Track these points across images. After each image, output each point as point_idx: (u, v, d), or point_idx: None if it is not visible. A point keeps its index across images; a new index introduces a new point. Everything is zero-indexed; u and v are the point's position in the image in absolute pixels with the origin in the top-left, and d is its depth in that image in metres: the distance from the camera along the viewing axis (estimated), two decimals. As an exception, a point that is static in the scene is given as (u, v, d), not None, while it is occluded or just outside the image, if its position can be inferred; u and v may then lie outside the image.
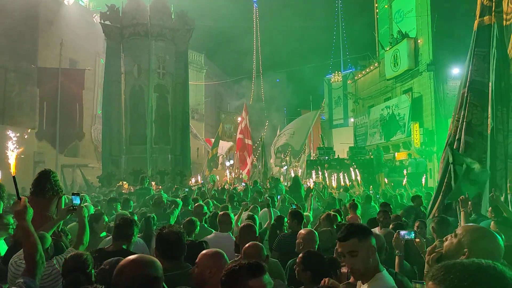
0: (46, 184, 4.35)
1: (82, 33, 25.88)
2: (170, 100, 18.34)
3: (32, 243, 2.54)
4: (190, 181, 17.50)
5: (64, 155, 23.38)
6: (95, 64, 28.02)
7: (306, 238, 4.12)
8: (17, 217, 2.63)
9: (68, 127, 21.92)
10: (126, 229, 3.55)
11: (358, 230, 2.39)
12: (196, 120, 35.07)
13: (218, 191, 12.58)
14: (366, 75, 31.37)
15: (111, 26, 18.04)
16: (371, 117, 29.05)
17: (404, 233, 3.47)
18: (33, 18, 23.68)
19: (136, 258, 2.07)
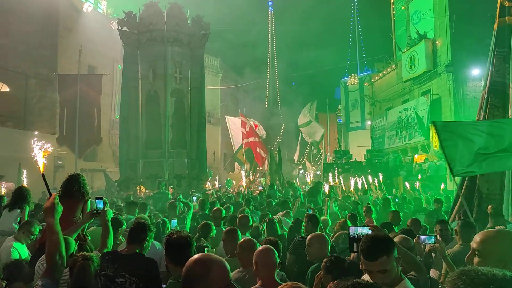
0: (74, 187, 4.41)
1: (100, 40, 26.32)
2: (186, 105, 18.47)
3: (54, 241, 2.53)
4: (206, 185, 17.55)
5: (83, 159, 23.74)
6: (113, 70, 28.44)
7: (312, 241, 4.12)
8: (45, 214, 2.63)
9: (86, 132, 22.25)
10: (140, 233, 3.55)
11: (385, 247, 2.30)
12: (212, 124, 35.23)
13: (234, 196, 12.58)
14: (383, 77, 31.07)
15: (128, 32, 18.29)
16: (388, 120, 28.73)
17: (424, 238, 3.39)
18: (52, 25, 24.19)
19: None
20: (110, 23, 27.42)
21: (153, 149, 17.82)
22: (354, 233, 2.75)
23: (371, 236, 2.40)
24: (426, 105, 23.68)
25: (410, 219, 6.12)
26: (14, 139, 20.45)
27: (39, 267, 3.42)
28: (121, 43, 19.57)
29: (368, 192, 12.65)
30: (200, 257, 1.97)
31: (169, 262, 2.82)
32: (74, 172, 4.81)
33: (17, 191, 6.42)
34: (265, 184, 19.07)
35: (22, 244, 4.83)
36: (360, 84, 37.90)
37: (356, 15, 41.87)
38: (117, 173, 19.54)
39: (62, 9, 24.74)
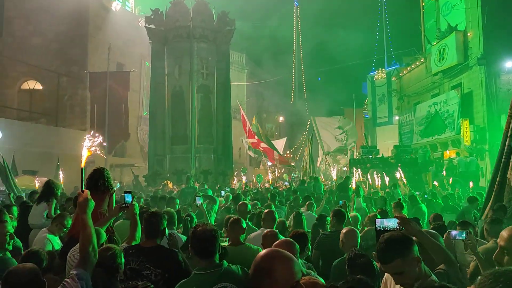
0: (99, 181, 4.54)
1: (128, 37, 26.81)
2: (212, 100, 18.62)
3: (87, 234, 2.62)
4: (232, 181, 17.68)
5: (112, 155, 24.29)
6: (141, 67, 28.93)
7: (346, 236, 4.14)
8: (79, 209, 2.73)
9: (115, 128, 22.72)
10: (157, 224, 3.60)
11: (399, 249, 2.24)
12: (238, 120, 35.34)
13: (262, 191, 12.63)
14: (412, 71, 30.36)
15: (155, 30, 18.57)
16: (417, 115, 28.09)
17: (455, 234, 3.31)
18: (83, 24, 24.80)
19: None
20: (137, 21, 27.88)
21: (179, 145, 18.05)
22: (380, 226, 2.69)
23: (386, 238, 2.34)
24: (457, 99, 23.01)
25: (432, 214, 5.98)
26: (47, 135, 21.15)
27: (70, 258, 3.53)
28: (148, 40, 19.89)
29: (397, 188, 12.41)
30: (267, 253, 1.89)
31: (194, 254, 2.87)
32: (98, 166, 4.95)
33: (45, 185, 6.60)
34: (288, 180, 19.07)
35: (55, 236, 5.01)
36: (387, 79, 37.19)
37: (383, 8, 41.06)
38: (145, 168, 19.93)
39: (91, 8, 25.32)
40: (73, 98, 24.72)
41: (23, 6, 23.76)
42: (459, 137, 22.24)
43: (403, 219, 2.73)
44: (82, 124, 24.44)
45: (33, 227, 6.01)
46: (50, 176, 13.93)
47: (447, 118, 23.87)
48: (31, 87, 24.88)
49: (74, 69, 24.60)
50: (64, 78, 24.47)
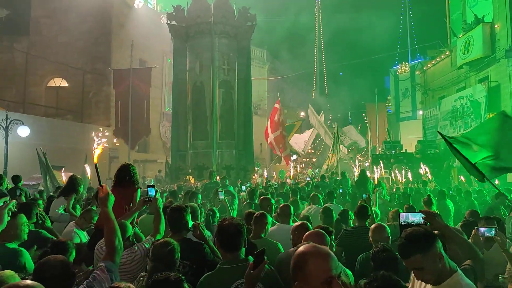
0: (126, 176, 4.64)
1: (151, 34, 27.10)
2: (234, 96, 18.67)
3: (111, 228, 2.68)
4: (253, 176, 17.72)
5: (135, 151, 24.69)
6: (163, 63, 29.24)
7: (374, 232, 4.13)
8: (100, 203, 2.79)
9: (137, 124, 23.04)
10: (181, 218, 3.66)
11: (419, 245, 2.22)
12: (259, 115, 35.37)
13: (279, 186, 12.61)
14: (437, 64, 29.69)
15: (177, 26, 18.70)
16: (442, 109, 27.50)
17: (484, 230, 3.24)
18: (106, 22, 25.22)
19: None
20: (159, 17, 28.16)
21: (200, 140, 18.17)
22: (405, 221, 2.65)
23: (407, 233, 2.32)
24: (484, 92, 22.42)
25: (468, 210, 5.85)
26: (73, 131, 21.66)
27: (98, 250, 3.64)
28: (170, 36, 20.06)
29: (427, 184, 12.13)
30: (302, 248, 1.88)
31: (220, 248, 2.91)
32: (125, 162, 5.07)
33: (68, 180, 6.74)
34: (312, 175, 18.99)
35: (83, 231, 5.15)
36: (411, 73, 36.49)
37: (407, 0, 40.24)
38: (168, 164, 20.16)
39: (115, 6, 25.70)
40: (97, 94, 25.21)
41: (49, 6, 24.32)
42: (486, 131, 21.66)
43: (428, 213, 2.68)
44: (106, 120, 24.91)
45: (52, 220, 6.19)
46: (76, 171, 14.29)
47: (474, 112, 23.30)
48: (57, 85, 25.48)
49: (99, 66, 25.07)
50: (89, 75, 24.96)
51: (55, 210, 6.29)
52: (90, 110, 24.95)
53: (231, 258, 2.82)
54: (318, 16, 46.44)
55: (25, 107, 22.45)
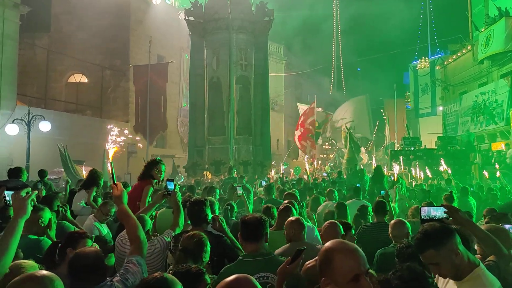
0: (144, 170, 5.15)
1: (168, 30, 27.28)
2: (251, 91, 18.66)
3: (133, 224, 2.73)
4: (270, 172, 17.70)
5: (153, 146, 24.94)
6: (180, 59, 29.40)
7: (394, 227, 4.10)
8: (116, 201, 2.83)
9: (155, 119, 23.24)
10: (200, 211, 3.69)
11: (433, 240, 2.22)
12: (276, 111, 35.29)
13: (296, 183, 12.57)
14: (457, 59, 29.08)
15: (194, 22, 18.74)
16: (463, 105, 26.96)
17: (509, 227, 3.15)
18: (125, 18, 25.47)
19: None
20: (177, 13, 28.29)
21: (217, 136, 18.23)
22: (426, 215, 2.61)
23: (424, 228, 2.33)
24: (507, 88, 21.88)
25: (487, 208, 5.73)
26: (92, 127, 21.99)
27: (118, 242, 3.68)
28: (187, 32, 20.14)
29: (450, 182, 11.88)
30: (329, 243, 1.85)
31: (242, 240, 2.93)
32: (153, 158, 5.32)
33: (89, 174, 6.88)
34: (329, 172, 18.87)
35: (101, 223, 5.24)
36: (431, 68, 35.85)
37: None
38: (185, 159, 20.31)
39: (133, 2, 25.94)
40: (116, 90, 25.52)
41: (69, 3, 24.68)
42: (508, 128, 21.19)
43: (450, 207, 2.62)
44: (125, 116, 25.21)
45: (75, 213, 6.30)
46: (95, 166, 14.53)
47: (496, 108, 22.78)
48: (77, 80, 25.89)
49: (117, 62, 25.37)
50: (108, 71, 25.28)
51: (77, 203, 6.40)
52: (109, 105, 25.28)
53: (252, 250, 2.83)
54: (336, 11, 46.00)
55: (46, 102, 22.87)
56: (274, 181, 13.11)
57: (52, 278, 1.84)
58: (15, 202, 2.39)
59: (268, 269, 2.74)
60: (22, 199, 2.39)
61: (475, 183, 12.75)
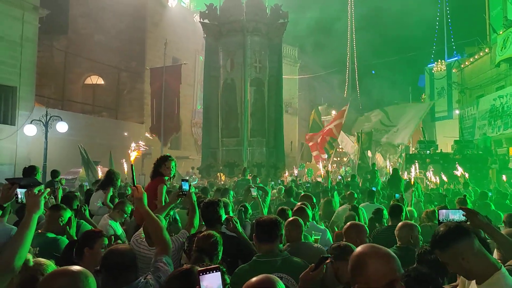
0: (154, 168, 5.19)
1: (184, 33, 27.49)
2: (265, 94, 18.68)
3: (157, 225, 2.79)
4: (283, 174, 17.66)
5: (168, 147, 25.11)
6: (195, 61, 29.58)
7: (401, 230, 4.04)
8: (138, 204, 2.88)
9: (169, 121, 23.38)
10: (214, 212, 3.72)
11: (439, 241, 2.22)
12: (290, 114, 35.23)
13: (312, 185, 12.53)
14: (475, 62, 28.64)
15: (209, 24, 18.86)
16: (480, 108, 26.53)
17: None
18: (141, 21, 25.75)
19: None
20: (192, 16, 28.50)
21: (231, 137, 18.27)
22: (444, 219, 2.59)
23: (438, 228, 2.31)
24: (526, 91, 21.49)
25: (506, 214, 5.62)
26: (108, 128, 22.26)
27: (134, 242, 3.70)
28: (202, 35, 20.26)
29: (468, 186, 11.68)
30: (360, 249, 1.78)
31: (256, 241, 2.93)
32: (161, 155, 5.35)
33: (106, 174, 6.96)
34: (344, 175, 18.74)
35: (116, 222, 5.27)
36: (447, 71, 35.38)
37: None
38: (199, 161, 20.41)
39: (149, 5, 26.21)
40: (131, 92, 25.80)
41: (86, 5, 25.06)
42: (527, 132, 20.79)
43: (469, 211, 2.60)
44: (140, 117, 25.44)
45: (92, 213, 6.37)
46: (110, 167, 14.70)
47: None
48: (93, 82, 26.24)
49: (133, 64, 25.65)
50: (124, 73, 25.57)
51: (94, 204, 6.46)
52: (125, 107, 25.55)
53: (267, 251, 2.83)
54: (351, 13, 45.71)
55: (63, 104, 23.23)
56: (287, 183, 13.09)
57: (86, 274, 1.84)
58: (29, 199, 2.44)
59: (283, 269, 2.74)
60: (36, 196, 2.44)
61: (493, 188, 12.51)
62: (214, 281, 1.63)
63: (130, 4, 24.66)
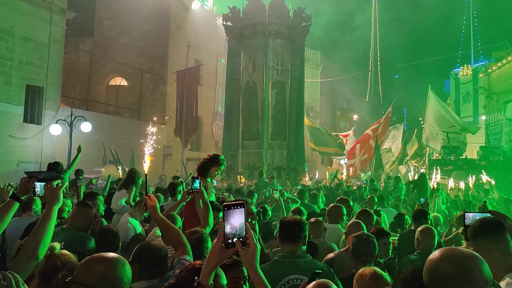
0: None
1: (206, 35, 27.69)
2: (287, 97, 18.63)
3: (174, 231, 2.83)
4: (303, 178, 17.55)
5: (188, 149, 25.30)
6: (217, 64, 29.75)
7: (422, 234, 4.02)
8: (152, 213, 2.92)
9: (189, 122, 23.48)
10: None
11: (470, 230, 2.25)
12: (311, 117, 35.00)
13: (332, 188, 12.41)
14: (502, 67, 27.94)
15: (232, 27, 18.96)
16: (507, 114, 25.83)
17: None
18: (165, 24, 26.07)
19: None
20: (215, 19, 28.70)
21: (252, 140, 18.27)
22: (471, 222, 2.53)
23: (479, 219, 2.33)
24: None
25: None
26: (130, 128, 22.59)
27: None
28: (225, 37, 20.37)
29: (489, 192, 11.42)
30: (450, 253, 1.55)
31: (279, 241, 2.93)
32: (214, 153, 5.25)
33: (128, 173, 6.99)
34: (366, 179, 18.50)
35: (136, 220, 5.30)
36: (473, 76, 34.58)
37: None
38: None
39: (173, 8, 26.51)
40: (154, 93, 26.11)
41: (112, 8, 25.53)
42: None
43: (497, 214, 2.54)
44: (162, 118, 25.74)
45: (114, 211, 6.41)
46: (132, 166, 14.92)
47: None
48: (117, 84, 26.69)
49: (156, 66, 25.97)
50: (147, 75, 25.91)
51: (117, 202, 6.51)
52: (147, 108, 25.88)
53: (289, 251, 2.80)
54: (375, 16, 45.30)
55: (88, 104, 23.70)
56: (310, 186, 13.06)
57: (123, 262, 1.84)
58: (48, 192, 2.52)
59: (303, 272, 2.70)
60: (55, 189, 2.52)
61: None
62: (238, 217, 1.66)
63: (154, 7, 25.01)
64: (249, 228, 1.69)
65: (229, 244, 1.67)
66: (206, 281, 1.75)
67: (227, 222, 1.66)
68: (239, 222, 1.66)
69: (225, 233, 1.66)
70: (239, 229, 1.66)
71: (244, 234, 1.66)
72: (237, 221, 1.66)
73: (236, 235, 1.66)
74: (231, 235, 1.66)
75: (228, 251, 1.69)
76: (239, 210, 1.65)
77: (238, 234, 1.66)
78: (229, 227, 1.66)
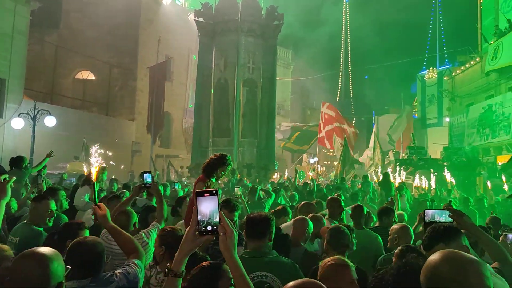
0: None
1: (177, 31, 27.33)
2: (258, 95, 18.66)
3: (127, 238, 2.80)
4: (273, 176, 17.64)
5: (158, 146, 24.95)
6: (188, 60, 29.45)
7: (401, 232, 4.03)
8: (102, 221, 2.84)
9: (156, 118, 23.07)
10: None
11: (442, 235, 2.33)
12: (282, 116, 35.26)
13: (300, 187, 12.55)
14: (466, 71, 28.96)
15: (204, 23, 18.81)
16: (469, 116, 26.82)
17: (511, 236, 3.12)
18: (135, 18, 25.54)
19: None
20: (187, 14, 28.39)
21: (222, 137, 18.21)
22: (430, 219, 2.61)
23: (432, 226, 2.42)
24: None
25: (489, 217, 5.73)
26: (98, 124, 22.05)
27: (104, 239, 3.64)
28: (196, 34, 20.18)
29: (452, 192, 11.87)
30: (449, 255, 1.52)
31: (246, 237, 2.92)
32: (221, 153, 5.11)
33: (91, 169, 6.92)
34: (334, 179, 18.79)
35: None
36: (438, 78, 35.70)
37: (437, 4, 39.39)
38: (189, 160, 20.32)
39: (144, 1, 26.02)
40: (123, 89, 25.58)
41: (80, 0, 24.80)
42: (515, 141, 21.05)
43: (455, 211, 2.62)
44: (131, 114, 25.26)
45: (77, 208, 6.29)
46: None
47: (502, 121, 22.63)
48: (84, 77, 25.96)
49: (125, 60, 25.43)
50: (116, 69, 25.34)
51: (80, 199, 6.39)
52: (116, 103, 25.34)
53: (254, 248, 2.80)
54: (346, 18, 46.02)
55: (53, 98, 22.96)
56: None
57: (51, 257, 1.80)
58: None
59: (268, 269, 2.70)
60: (2, 184, 2.53)
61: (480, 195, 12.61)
62: (210, 204, 1.65)
63: (125, 0, 24.46)
64: (223, 215, 1.68)
65: (203, 232, 1.66)
66: (178, 268, 1.77)
67: (199, 209, 1.65)
68: (212, 209, 1.65)
69: (198, 220, 1.66)
70: (212, 216, 1.66)
71: (217, 222, 1.66)
72: (209, 208, 1.65)
73: (210, 222, 1.66)
74: (205, 223, 1.66)
75: (201, 239, 1.69)
76: (211, 197, 1.65)
77: (212, 222, 1.66)
78: (201, 214, 1.65)
